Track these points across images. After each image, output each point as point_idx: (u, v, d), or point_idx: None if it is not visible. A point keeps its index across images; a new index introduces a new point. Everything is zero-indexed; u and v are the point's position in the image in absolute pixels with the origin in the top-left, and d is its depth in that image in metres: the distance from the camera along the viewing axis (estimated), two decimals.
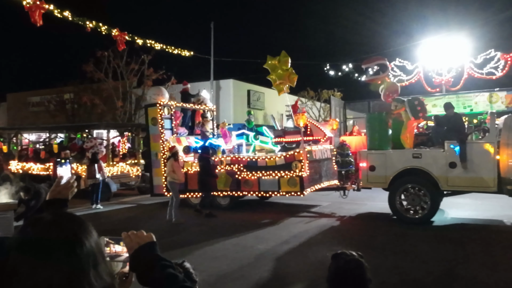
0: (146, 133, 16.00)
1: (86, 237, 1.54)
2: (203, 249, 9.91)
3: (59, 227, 1.53)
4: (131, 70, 33.13)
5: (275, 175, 13.90)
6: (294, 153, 13.81)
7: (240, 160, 14.47)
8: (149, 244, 1.84)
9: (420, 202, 12.25)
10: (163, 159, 15.07)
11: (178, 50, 22.37)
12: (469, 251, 9.40)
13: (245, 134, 15.46)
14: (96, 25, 16.30)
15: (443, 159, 12.08)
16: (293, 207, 15.24)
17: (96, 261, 1.54)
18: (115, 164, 18.67)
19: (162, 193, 15.39)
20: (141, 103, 33.95)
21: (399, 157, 12.67)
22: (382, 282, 7.35)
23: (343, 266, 2.86)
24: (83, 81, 34.96)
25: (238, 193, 14.61)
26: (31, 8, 13.46)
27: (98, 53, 31.71)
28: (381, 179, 12.82)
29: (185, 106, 16.86)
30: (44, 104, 37.82)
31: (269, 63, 14.06)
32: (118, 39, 17.51)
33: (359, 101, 31.91)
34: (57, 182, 2.51)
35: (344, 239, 10.59)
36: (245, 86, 34.80)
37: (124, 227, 12.55)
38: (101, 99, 34.21)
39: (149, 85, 33.38)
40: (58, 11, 14.69)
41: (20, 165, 19.95)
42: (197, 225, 12.78)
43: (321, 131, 15.71)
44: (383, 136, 13.18)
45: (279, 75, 13.90)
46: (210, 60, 31.53)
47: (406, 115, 13.16)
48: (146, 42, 19.77)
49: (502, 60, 25.06)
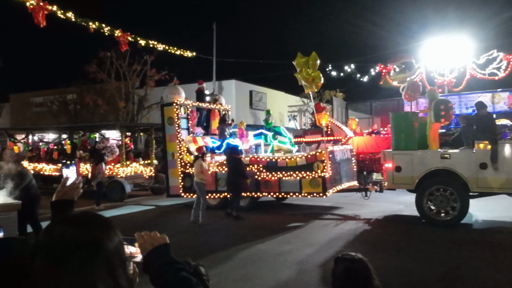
0: (162, 133, 15.31)
1: (104, 240, 1.49)
2: (227, 253, 9.23)
3: (80, 228, 1.50)
4: (133, 70, 32.51)
5: (296, 175, 13.23)
6: (316, 153, 13.16)
7: (260, 160, 13.79)
8: (163, 246, 1.81)
9: (449, 204, 11.63)
10: (180, 159, 14.42)
11: (181, 50, 21.89)
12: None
13: (263, 134, 14.80)
14: (99, 26, 15.88)
15: (473, 159, 11.45)
16: (313, 208, 14.53)
17: (112, 266, 1.48)
18: (129, 164, 17.91)
19: (178, 194, 14.72)
20: (143, 104, 33.58)
21: (426, 158, 12.04)
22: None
23: (351, 267, 2.84)
24: (86, 82, 34.17)
25: (257, 194, 13.93)
26: (34, 9, 13.18)
27: (101, 54, 31.17)
28: (407, 180, 12.17)
29: (201, 105, 16.15)
30: (47, 105, 36.82)
31: (298, 61, 13.47)
32: (121, 40, 17.02)
33: (361, 102, 31.55)
34: (63, 183, 2.48)
35: (378, 244, 9.93)
36: (247, 87, 34.13)
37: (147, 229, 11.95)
38: (103, 99, 33.48)
39: (151, 86, 33.06)
40: (61, 12, 14.35)
41: (31, 166, 19.07)
42: (221, 227, 12.08)
43: (342, 131, 15.05)
44: (409, 136, 12.54)
45: (304, 77, 13.31)
46: (213, 61, 30.88)
47: (430, 117, 12.57)
48: (149, 43, 19.23)
49: (505, 61, 24.49)
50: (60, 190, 2.45)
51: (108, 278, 1.46)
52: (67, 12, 14.54)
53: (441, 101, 12.58)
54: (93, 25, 15.62)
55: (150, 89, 33.31)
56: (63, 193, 2.44)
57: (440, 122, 12.44)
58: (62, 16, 14.40)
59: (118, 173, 17.17)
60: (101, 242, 1.48)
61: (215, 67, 31.09)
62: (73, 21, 15.02)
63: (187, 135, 14.81)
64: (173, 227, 12.20)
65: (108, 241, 1.50)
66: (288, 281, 7.46)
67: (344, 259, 2.91)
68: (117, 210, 15.10)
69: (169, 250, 1.81)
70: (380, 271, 2.97)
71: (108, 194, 16.86)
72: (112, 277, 1.48)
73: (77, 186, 2.50)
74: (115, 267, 1.50)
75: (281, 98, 36.43)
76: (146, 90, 33.28)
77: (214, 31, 31.01)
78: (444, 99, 13.03)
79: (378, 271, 2.87)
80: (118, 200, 16.49)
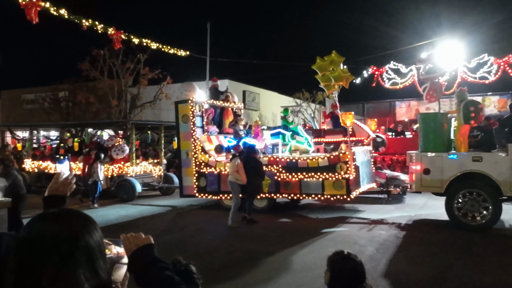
0: (176, 131, 14.23)
1: (84, 234, 1.48)
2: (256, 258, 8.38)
3: (60, 224, 1.49)
4: (126, 69, 31.38)
5: (319, 177, 12.28)
6: (339, 154, 12.23)
7: (279, 160, 12.80)
8: (147, 246, 1.79)
9: (480, 208, 10.83)
10: (194, 158, 13.41)
11: (174, 49, 20.85)
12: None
13: (281, 133, 13.79)
14: (92, 24, 15.05)
15: (506, 162, 10.63)
16: (334, 211, 13.45)
17: (93, 259, 1.47)
18: (138, 163, 16.68)
19: (192, 194, 13.68)
20: (136, 102, 32.52)
21: (457, 160, 11.20)
22: None
23: (344, 265, 2.84)
24: (79, 79, 32.73)
25: (277, 196, 12.96)
26: (27, 5, 12.48)
27: (94, 52, 29.94)
28: (436, 183, 11.31)
29: (216, 103, 15.10)
30: (38, 102, 35.16)
31: (318, 64, 12.67)
32: (114, 38, 16.11)
33: (354, 103, 30.76)
34: (55, 179, 2.42)
35: (413, 250, 9.06)
36: (241, 87, 33.20)
37: (175, 232, 11.03)
38: (96, 97, 32.10)
39: (144, 84, 32.05)
40: (54, 9, 13.57)
41: (35, 164, 17.76)
42: (246, 231, 11.06)
43: (364, 131, 14.13)
44: (438, 137, 11.72)
45: (337, 77, 12.48)
46: (206, 60, 29.90)
47: (459, 118, 11.77)
48: (142, 41, 18.23)
49: (495, 65, 24.06)
50: (52, 186, 2.39)
51: (88, 271, 1.43)
52: (60, 9, 13.80)
53: (471, 102, 11.75)
54: (86, 23, 14.84)
55: (143, 87, 32.27)
56: (55, 189, 2.37)
57: (470, 124, 11.62)
58: (55, 13, 13.66)
59: (128, 172, 15.97)
60: (81, 236, 1.46)
61: (208, 67, 30.20)
62: (66, 18, 14.24)
63: (202, 134, 13.78)
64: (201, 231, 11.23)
65: (88, 235, 1.48)
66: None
67: (337, 258, 2.89)
68: (109, 210, 14.26)
69: (153, 250, 1.79)
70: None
71: (118, 193, 15.75)
72: (93, 269, 1.45)
73: (69, 182, 2.43)
74: (95, 259, 1.46)
75: (274, 98, 35.57)
76: (139, 89, 32.20)
77: (208, 31, 30.09)
78: (473, 100, 12.22)
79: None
80: (128, 200, 15.34)
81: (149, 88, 32.25)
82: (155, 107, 32.22)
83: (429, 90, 13.10)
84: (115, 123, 19.36)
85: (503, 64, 23.92)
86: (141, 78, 31.70)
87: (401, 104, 30.01)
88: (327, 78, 12.83)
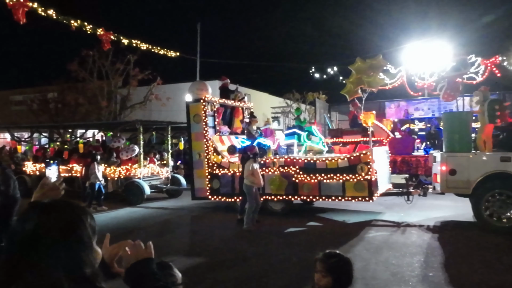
0: (187, 131, 13.29)
1: (78, 223, 1.44)
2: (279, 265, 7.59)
3: (52, 214, 1.43)
4: (116, 70, 30.50)
5: (339, 178, 11.48)
6: (360, 155, 11.44)
7: (296, 161, 11.96)
8: (146, 260, 1.73)
9: (508, 210, 10.18)
10: (206, 159, 12.52)
11: (164, 50, 20.26)
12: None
13: (296, 133, 12.95)
14: (81, 24, 14.45)
15: None
16: (350, 214, 12.56)
17: (85, 245, 1.44)
18: (146, 165, 15.61)
19: (205, 197, 12.77)
20: (126, 103, 31.51)
21: (484, 160, 10.53)
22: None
23: (332, 263, 2.82)
24: (68, 81, 31.37)
25: (294, 198, 12.13)
26: (14, 5, 11.99)
27: (83, 52, 28.94)
28: (463, 184, 10.59)
29: (226, 102, 14.20)
30: (26, 103, 33.58)
31: (358, 65, 12.00)
32: (104, 39, 15.48)
33: (344, 104, 30.18)
34: (42, 184, 2.29)
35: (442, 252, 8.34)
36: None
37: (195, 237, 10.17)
38: (85, 98, 30.98)
39: (134, 85, 31.11)
40: (42, 9, 13.04)
41: (37, 166, 16.58)
42: (264, 234, 10.23)
43: (383, 131, 13.39)
44: (464, 137, 11.05)
45: (371, 82, 11.81)
46: (197, 61, 28.99)
47: (483, 118, 11.14)
48: (132, 42, 17.51)
49: (483, 66, 23.74)
50: (39, 191, 2.24)
51: (70, 263, 1.38)
52: (48, 10, 13.23)
53: (495, 101, 11.18)
54: (75, 23, 14.24)
55: (133, 88, 31.34)
56: (42, 195, 2.22)
57: (495, 123, 11.00)
58: (43, 13, 13.08)
59: (135, 174, 14.92)
60: (75, 225, 1.43)
61: (199, 67, 29.28)
62: (55, 18, 13.66)
63: (214, 134, 12.89)
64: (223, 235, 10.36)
65: (81, 223, 1.45)
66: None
67: (336, 261, 2.85)
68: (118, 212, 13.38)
69: (151, 264, 1.73)
70: None
71: (126, 196, 14.69)
72: (76, 262, 1.39)
73: (57, 187, 2.30)
74: (79, 251, 1.42)
75: (265, 99, 34.71)
76: (129, 90, 31.30)
77: (198, 31, 29.20)
78: (497, 98, 11.67)
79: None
80: (136, 204, 14.30)
81: (139, 89, 31.37)
82: (145, 108, 31.25)
83: (446, 89, 12.43)
84: (124, 123, 18.27)
85: (490, 64, 23.62)
86: (131, 79, 30.79)
87: (390, 104, 29.50)
88: (358, 81, 12.08)
